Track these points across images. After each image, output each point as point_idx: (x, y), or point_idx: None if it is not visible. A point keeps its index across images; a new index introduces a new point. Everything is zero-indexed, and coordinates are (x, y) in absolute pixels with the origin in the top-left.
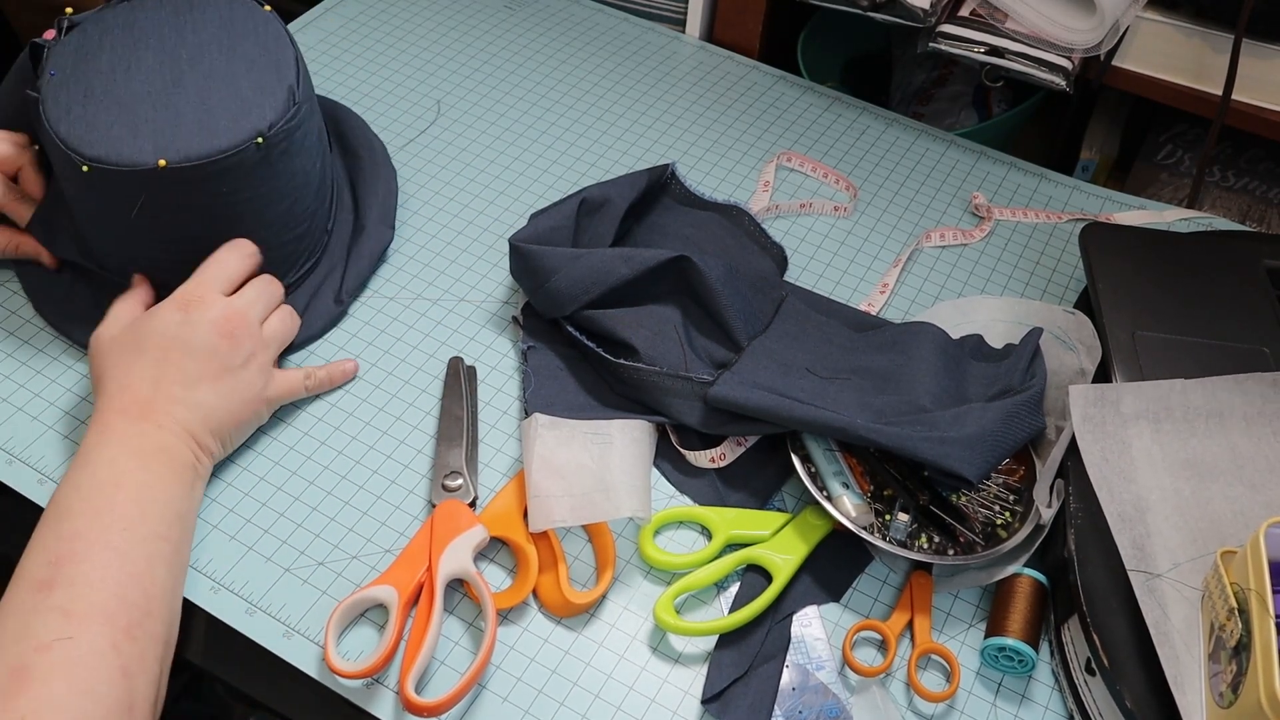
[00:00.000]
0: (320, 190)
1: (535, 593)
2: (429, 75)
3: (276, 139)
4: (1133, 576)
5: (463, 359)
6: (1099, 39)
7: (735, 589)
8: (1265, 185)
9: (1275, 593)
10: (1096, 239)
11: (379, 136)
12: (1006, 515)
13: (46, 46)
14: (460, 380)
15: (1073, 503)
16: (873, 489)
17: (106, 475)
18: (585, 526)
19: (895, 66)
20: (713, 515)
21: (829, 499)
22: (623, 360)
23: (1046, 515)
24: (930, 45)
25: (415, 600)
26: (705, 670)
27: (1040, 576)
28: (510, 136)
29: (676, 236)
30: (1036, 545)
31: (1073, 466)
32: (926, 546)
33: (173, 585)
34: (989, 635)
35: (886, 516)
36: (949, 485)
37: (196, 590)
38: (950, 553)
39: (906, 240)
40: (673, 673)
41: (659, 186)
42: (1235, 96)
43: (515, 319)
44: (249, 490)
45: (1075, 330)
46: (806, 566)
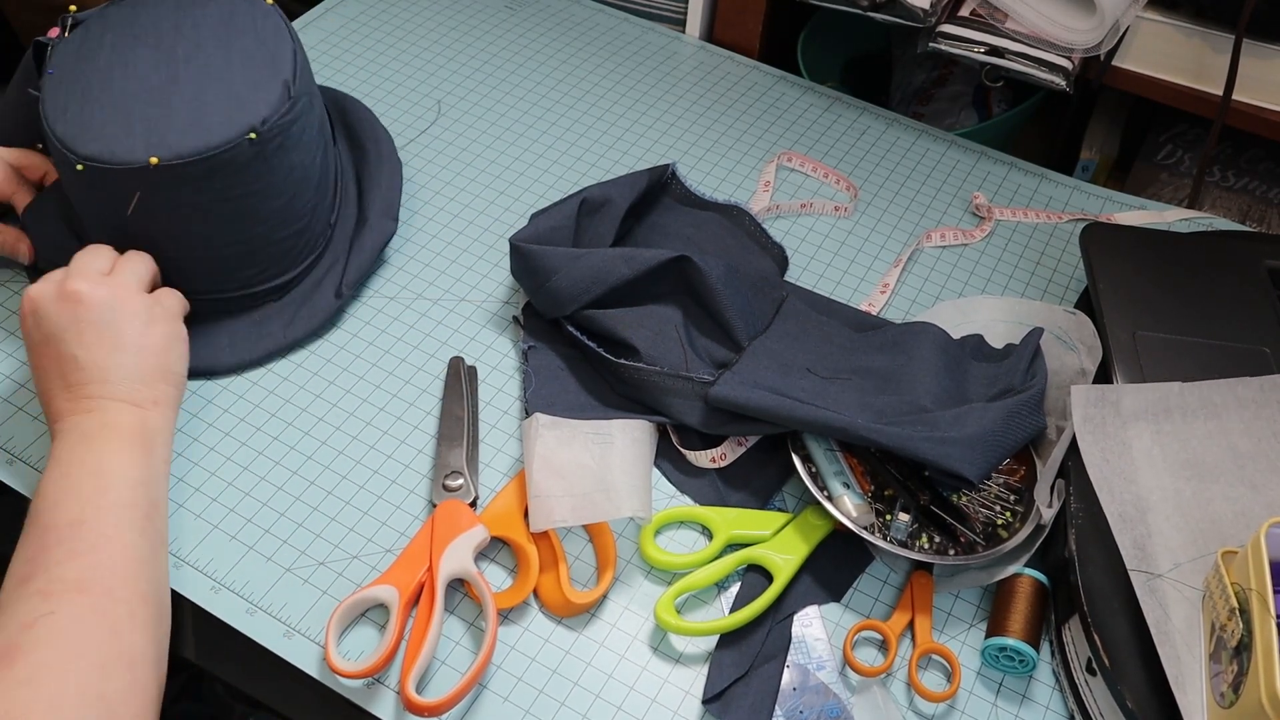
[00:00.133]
0: (321, 184)
1: (536, 593)
2: (429, 75)
3: (271, 134)
4: (1134, 576)
5: (463, 359)
6: (1099, 39)
7: (736, 589)
8: (1265, 185)
9: (1276, 592)
10: (1097, 239)
11: (387, 129)
12: (1007, 515)
13: (50, 44)
14: (461, 380)
15: (1073, 503)
16: (873, 489)
17: (62, 470)
18: (586, 526)
19: (895, 66)
20: (713, 515)
21: (830, 499)
22: (623, 360)
23: (1047, 515)
24: (930, 45)
25: (416, 600)
26: (706, 670)
27: (1041, 576)
28: (510, 136)
29: (677, 236)
30: (1037, 545)
31: (1073, 466)
32: (927, 546)
33: (149, 550)
34: (990, 635)
35: (887, 516)
36: (950, 485)
37: (197, 590)
38: (951, 553)
39: (907, 240)
40: (673, 673)
41: (659, 186)
42: (1235, 96)
43: (515, 319)
44: (249, 490)
45: (1076, 330)
46: (807, 566)
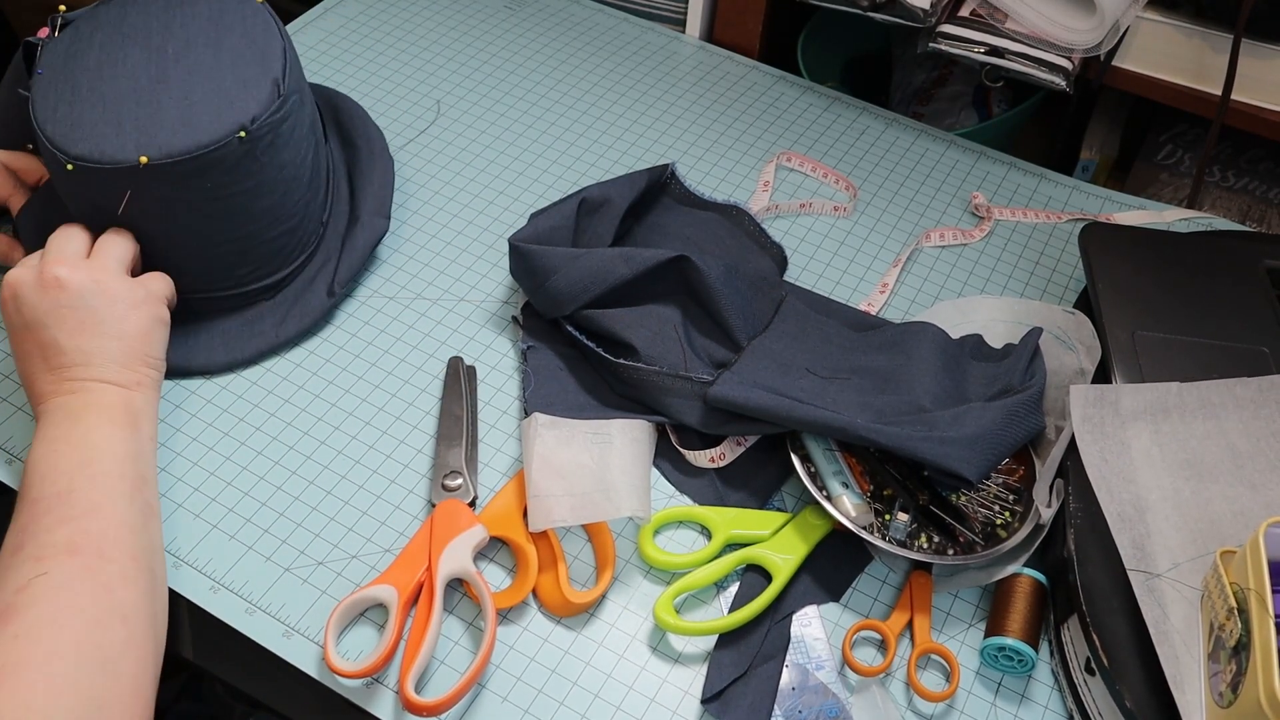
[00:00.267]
0: (313, 182)
1: (535, 592)
2: (429, 75)
3: (261, 132)
4: (1132, 576)
5: (463, 359)
6: (1099, 39)
7: (735, 589)
8: (1265, 185)
9: (1275, 592)
10: (1096, 239)
11: (379, 126)
12: (1006, 515)
13: (39, 44)
14: (460, 380)
15: (1072, 502)
16: (872, 489)
17: (49, 446)
18: (585, 526)
19: (895, 66)
20: (712, 515)
21: (829, 499)
22: (623, 360)
23: (1046, 515)
24: (930, 45)
25: (415, 600)
26: (705, 670)
27: (1040, 576)
28: (510, 136)
29: (676, 236)
30: (1036, 545)
31: (1072, 466)
32: (926, 546)
33: (139, 518)
34: (989, 635)
35: (886, 516)
36: (949, 485)
37: (196, 590)
38: (950, 552)
39: (906, 240)
40: (672, 672)
41: (659, 186)
42: (1235, 96)
43: (515, 319)
44: (248, 490)
45: (1075, 330)
46: (806, 566)
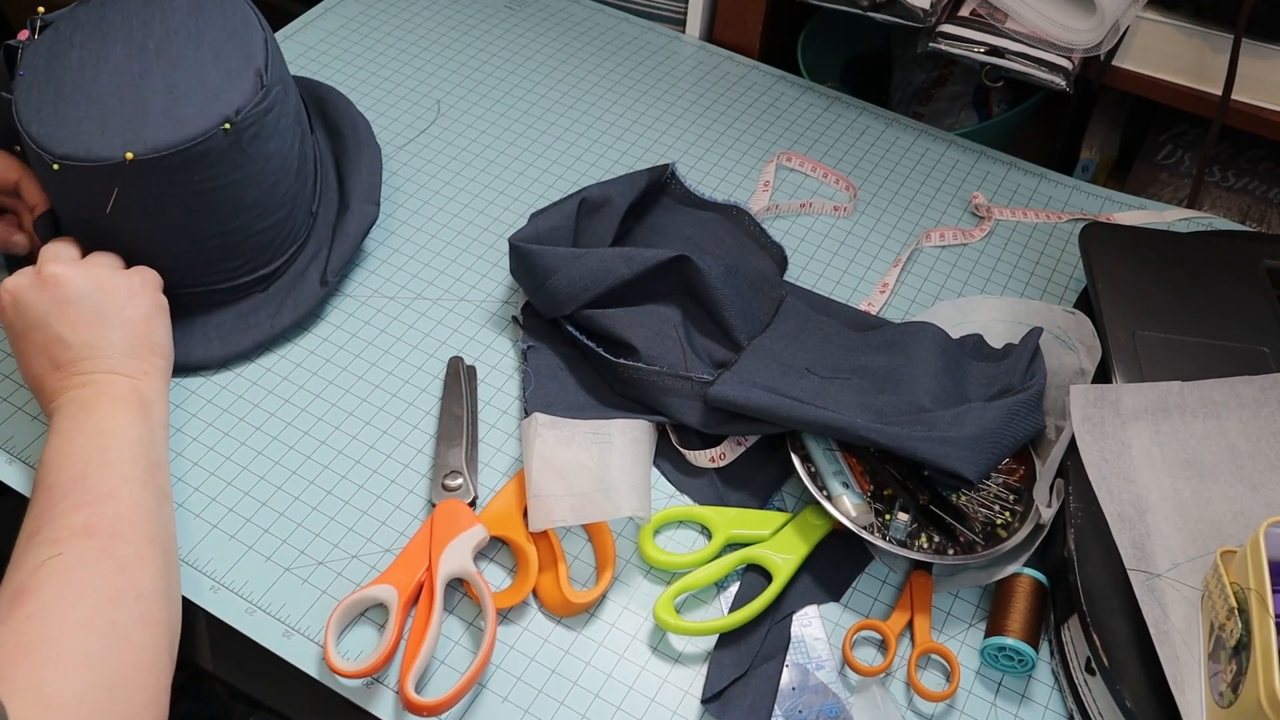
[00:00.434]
0: (301, 173)
1: (535, 592)
2: (429, 75)
3: (246, 124)
4: (1133, 576)
5: (463, 359)
6: (1099, 39)
7: (735, 589)
8: (1265, 185)
9: (1275, 592)
10: (1096, 239)
11: (364, 115)
12: (1006, 515)
13: (20, 47)
14: (460, 380)
15: (1072, 502)
16: (873, 489)
17: (63, 437)
18: (585, 526)
19: (895, 66)
20: (713, 515)
21: (829, 499)
22: (623, 360)
23: (1046, 515)
24: (930, 45)
25: (415, 600)
26: (705, 670)
27: (1040, 576)
28: (510, 136)
29: (676, 236)
30: (1036, 545)
31: (1073, 466)
32: (926, 546)
33: (154, 502)
34: (989, 635)
35: (886, 516)
36: (949, 485)
37: (196, 590)
38: (950, 552)
39: (906, 240)
40: (673, 672)
41: (659, 186)
42: (1235, 96)
43: (515, 319)
44: (248, 490)
45: (1075, 330)
46: (806, 566)
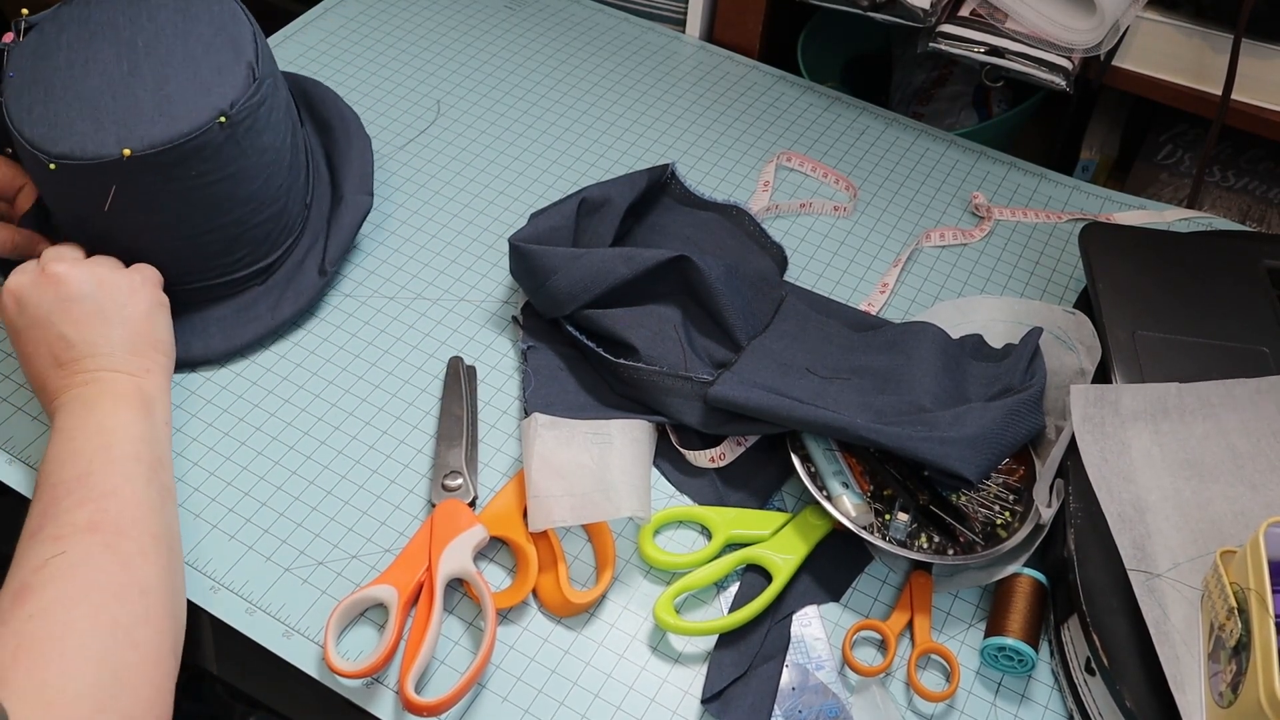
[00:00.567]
0: (294, 165)
1: (535, 592)
2: (429, 75)
3: (240, 117)
4: (1132, 576)
5: (463, 359)
6: (1099, 39)
7: (735, 589)
8: (1265, 185)
9: (1275, 592)
10: (1096, 239)
11: (351, 108)
12: (1006, 515)
13: (4, 49)
14: (460, 380)
15: (1072, 502)
16: (872, 489)
17: (66, 435)
18: (585, 526)
19: (895, 66)
20: (713, 515)
21: (829, 499)
22: (623, 360)
23: (1046, 515)
24: (930, 45)
25: (415, 600)
26: (705, 670)
27: (1040, 576)
28: (510, 136)
29: (676, 236)
30: (1036, 545)
31: (1073, 466)
32: (926, 546)
33: (158, 498)
34: (989, 635)
35: (886, 516)
36: (949, 485)
37: (196, 590)
38: (950, 552)
39: (906, 240)
40: (673, 672)
41: (659, 186)
42: (1235, 96)
43: (515, 319)
44: (249, 490)
45: (1075, 330)
46: (806, 566)
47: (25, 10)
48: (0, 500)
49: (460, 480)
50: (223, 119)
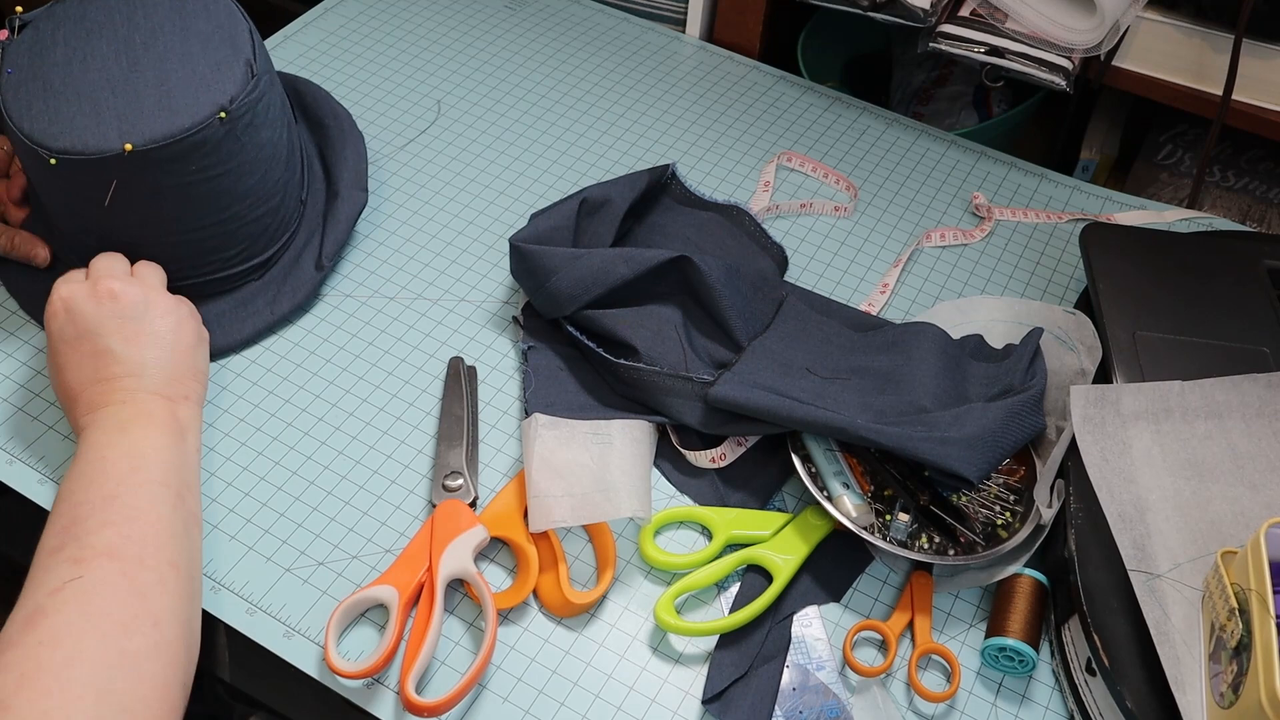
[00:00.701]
0: (290, 161)
1: (535, 593)
2: (429, 75)
3: (239, 112)
4: (1133, 576)
5: (463, 359)
6: (1099, 39)
7: (735, 589)
8: (1265, 185)
9: (1275, 593)
10: (1097, 239)
11: (354, 113)
12: (1007, 515)
13: (1, 46)
14: (460, 380)
15: (1073, 503)
16: (873, 489)
17: (95, 454)
18: (585, 526)
19: (895, 66)
20: (713, 515)
21: (829, 499)
22: (623, 360)
23: (1047, 515)
24: (930, 45)
25: (415, 600)
26: (705, 670)
27: (1040, 576)
28: (510, 136)
29: (677, 237)
30: (1037, 545)
31: (1073, 466)
32: (927, 546)
33: (182, 526)
34: (989, 635)
35: (887, 516)
36: (949, 485)
37: None
38: (951, 553)
39: (906, 240)
40: (673, 673)
41: (659, 187)
42: (1235, 96)
43: (515, 319)
44: (249, 490)
45: (1075, 330)
46: (807, 566)
47: (19, 8)
48: (0, 500)
49: (461, 480)
50: (223, 114)
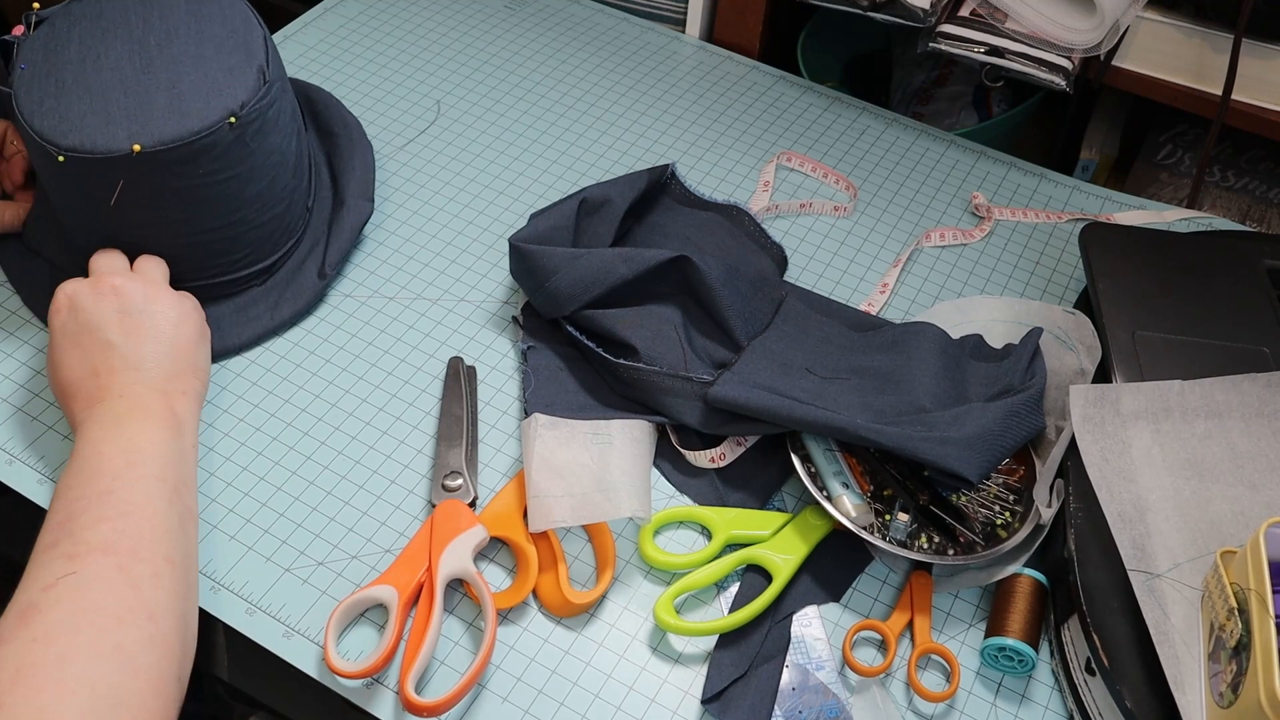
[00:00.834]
0: (297, 168)
1: (535, 593)
2: (429, 75)
3: (249, 118)
4: (1133, 576)
5: (463, 359)
6: (1099, 39)
7: (735, 589)
8: (1265, 185)
9: (1275, 593)
10: (1096, 239)
11: (354, 115)
12: (1006, 515)
13: (15, 42)
14: (460, 380)
15: (1073, 502)
16: (873, 489)
17: (91, 449)
18: (585, 526)
19: (895, 66)
20: (713, 515)
21: (829, 499)
22: (623, 360)
23: (1046, 515)
24: (930, 45)
25: (415, 600)
26: (705, 670)
27: (1040, 576)
28: (510, 136)
29: (676, 236)
30: (1036, 545)
31: (1073, 466)
32: (926, 546)
33: (177, 521)
34: (989, 635)
35: (886, 516)
36: (949, 485)
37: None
38: (950, 553)
39: (906, 240)
40: (673, 673)
41: (659, 186)
42: (1235, 96)
43: (515, 319)
44: (249, 490)
45: (1075, 330)
46: (806, 566)
47: (36, 4)
48: (0, 500)
49: (460, 480)
50: (232, 119)
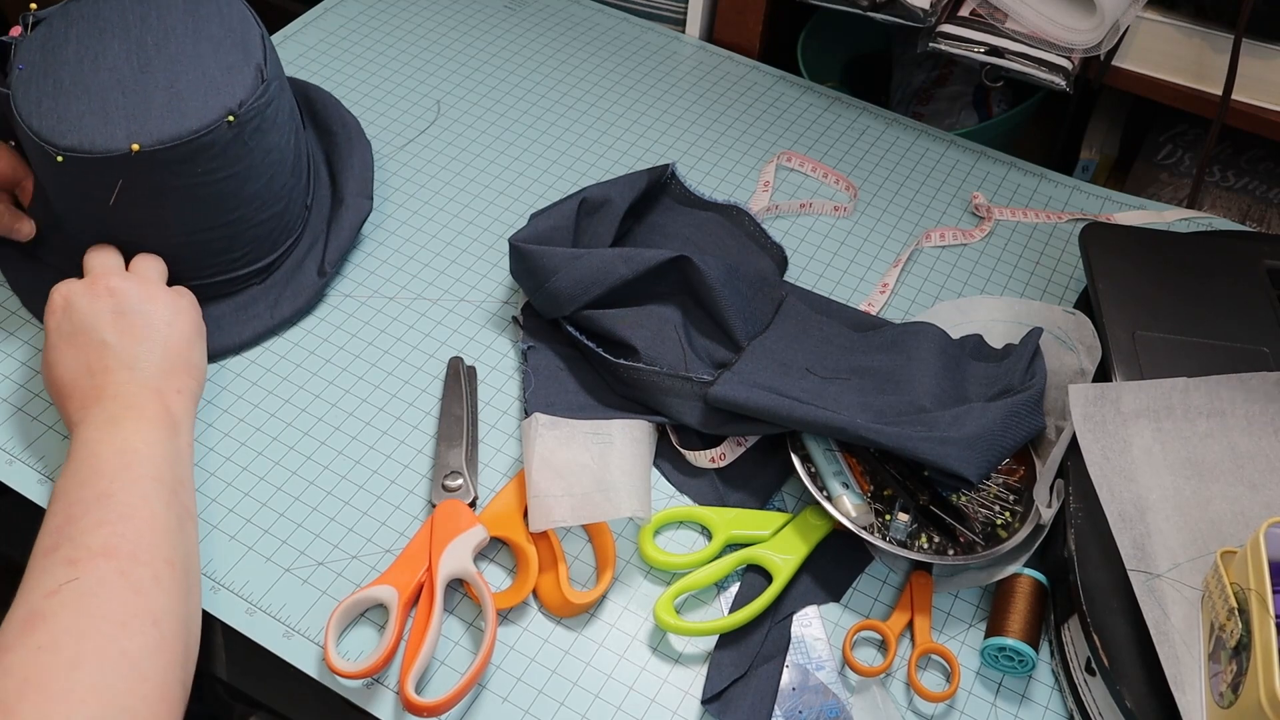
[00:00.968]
0: (296, 167)
1: (535, 593)
2: (429, 75)
3: (248, 117)
4: (1133, 576)
5: (463, 359)
6: (1099, 39)
7: (735, 589)
8: (1265, 185)
9: (1275, 593)
10: (1096, 239)
11: (352, 114)
12: (1006, 515)
13: (13, 43)
14: (460, 380)
15: (1073, 502)
16: (873, 489)
17: (87, 451)
18: (585, 526)
19: (895, 66)
20: (713, 515)
21: (829, 499)
22: (623, 360)
23: (1046, 515)
24: (930, 45)
25: (415, 600)
26: (705, 670)
27: (1040, 576)
28: (510, 136)
29: (676, 236)
30: (1036, 545)
31: (1073, 466)
32: (926, 546)
33: (176, 522)
34: (989, 635)
35: (886, 516)
36: (949, 485)
37: None
38: (950, 553)
39: (906, 240)
40: (673, 673)
41: (659, 186)
42: (1235, 96)
43: (515, 319)
44: (249, 490)
45: (1075, 330)
46: (806, 566)
47: (34, 4)
48: (0, 500)
49: (460, 480)
50: (231, 118)
